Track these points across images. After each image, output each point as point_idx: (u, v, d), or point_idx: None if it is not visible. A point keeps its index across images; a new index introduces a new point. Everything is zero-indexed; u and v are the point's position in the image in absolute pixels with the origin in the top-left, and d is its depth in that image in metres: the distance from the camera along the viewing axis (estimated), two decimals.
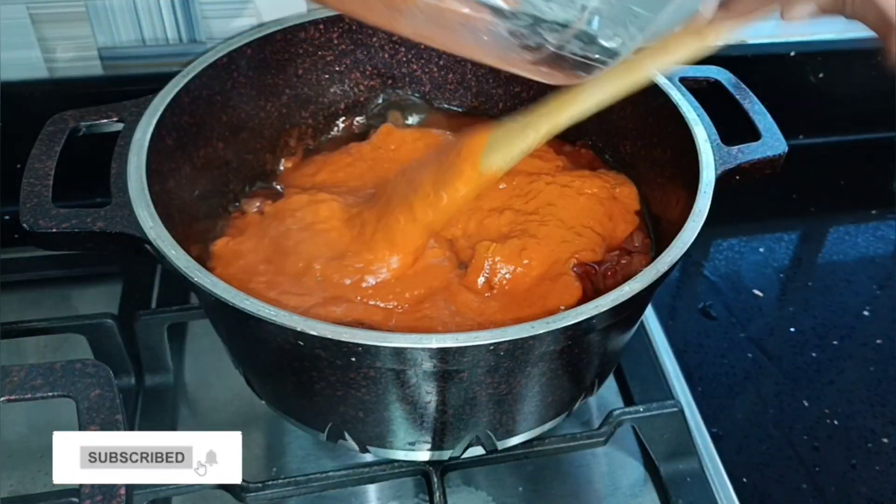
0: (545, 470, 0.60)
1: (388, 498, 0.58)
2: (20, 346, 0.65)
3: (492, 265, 0.54)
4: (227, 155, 0.63)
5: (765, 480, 0.61)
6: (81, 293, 0.71)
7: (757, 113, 0.59)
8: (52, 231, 0.48)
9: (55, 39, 0.70)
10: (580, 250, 0.56)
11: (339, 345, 0.42)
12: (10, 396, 0.39)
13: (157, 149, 0.53)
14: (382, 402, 0.49)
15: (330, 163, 0.65)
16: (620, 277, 0.55)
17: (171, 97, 0.56)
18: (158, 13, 0.69)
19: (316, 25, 0.66)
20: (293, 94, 0.68)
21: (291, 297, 0.52)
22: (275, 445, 0.60)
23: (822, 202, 0.89)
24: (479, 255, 0.55)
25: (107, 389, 0.39)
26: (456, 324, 0.52)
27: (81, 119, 0.55)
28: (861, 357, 0.71)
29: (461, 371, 0.46)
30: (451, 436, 0.52)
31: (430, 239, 0.56)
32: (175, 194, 0.56)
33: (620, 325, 0.53)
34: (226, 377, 0.63)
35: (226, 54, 0.61)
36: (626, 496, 0.59)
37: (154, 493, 0.53)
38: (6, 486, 0.57)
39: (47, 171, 0.51)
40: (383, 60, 0.70)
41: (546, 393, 0.52)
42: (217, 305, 0.45)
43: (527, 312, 0.52)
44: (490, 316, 0.52)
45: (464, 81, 0.72)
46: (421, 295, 0.53)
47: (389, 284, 0.54)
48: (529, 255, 0.55)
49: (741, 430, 0.64)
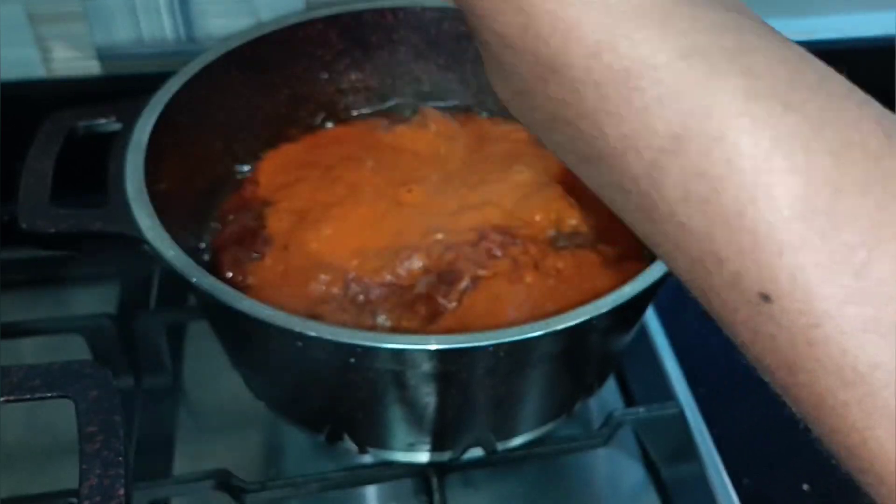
0: (545, 471, 0.59)
1: (387, 499, 0.58)
2: (18, 346, 0.65)
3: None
4: (225, 155, 0.63)
5: (766, 482, 0.61)
6: (80, 293, 0.71)
7: None
8: (51, 231, 0.48)
9: (53, 38, 0.69)
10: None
11: (338, 346, 0.42)
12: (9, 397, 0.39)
13: (155, 149, 0.53)
14: (382, 403, 0.49)
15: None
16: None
17: (170, 97, 0.56)
18: (157, 12, 0.69)
19: (314, 24, 0.66)
20: (291, 94, 0.67)
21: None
22: (273, 446, 0.60)
23: None
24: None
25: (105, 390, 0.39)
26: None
27: (79, 119, 0.55)
28: None
29: (461, 372, 0.46)
30: (451, 437, 0.52)
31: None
32: (173, 194, 0.56)
33: (621, 326, 0.53)
34: (225, 378, 0.63)
35: (224, 54, 0.61)
36: (626, 498, 0.59)
37: (153, 493, 0.53)
38: (5, 487, 0.57)
39: (45, 171, 0.51)
40: (383, 60, 0.70)
41: (546, 394, 0.52)
42: (215, 306, 0.45)
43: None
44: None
45: (464, 81, 0.72)
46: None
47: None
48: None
49: (743, 432, 0.64)
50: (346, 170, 0.62)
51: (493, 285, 0.54)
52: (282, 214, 0.58)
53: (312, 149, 0.67)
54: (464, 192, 0.61)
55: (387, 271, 0.56)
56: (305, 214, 0.58)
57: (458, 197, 0.61)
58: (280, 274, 0.55)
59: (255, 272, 0.55)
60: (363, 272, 0.55)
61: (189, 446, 0.60)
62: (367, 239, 0.57)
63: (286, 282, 0.55)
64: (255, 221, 0.58)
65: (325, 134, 0.69)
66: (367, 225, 0.58)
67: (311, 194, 0.60)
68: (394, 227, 0.58)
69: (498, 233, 0.57)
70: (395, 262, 0.56)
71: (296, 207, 0.59)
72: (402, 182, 0.61)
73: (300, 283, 0.55)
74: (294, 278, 0.55)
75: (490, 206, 0.60)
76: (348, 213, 0.58)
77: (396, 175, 0.62)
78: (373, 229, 0.58)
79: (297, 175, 0.63)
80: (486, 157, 0.66)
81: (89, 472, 0.37)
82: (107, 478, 0.37)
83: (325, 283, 0.54)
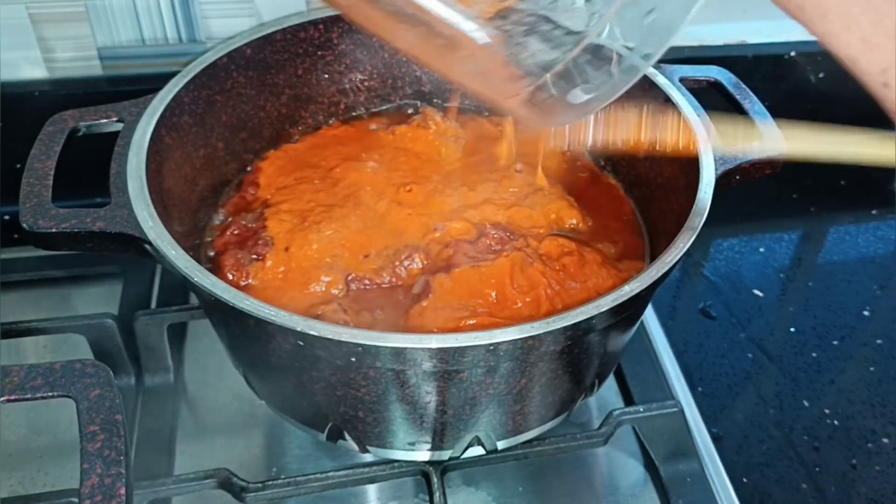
0: (545, 470, 0.59)
1: (388, 498, 0.58)
2: (20, 346, 0.65)
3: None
4: (226, 155, 0.63)
5: (765, 480, 0.61)
6: (81, 293, 0.71)
7: (757, 113, 0.59)
8: (52, 231, 0.48)
9: (55, 39, 0.70)
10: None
11: (339, 345, 0.42)
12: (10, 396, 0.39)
13: (156, 149, 0.53)
14: (382, 402, 0.49)
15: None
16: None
17: (171, 97, 0.56)
18: (158, 13, 0.69)
19: (316, 25, 0.66)
20: (293, 94, 0.68)
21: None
22: (274, 445, 0.60)
23: (822, 202, 0.89)
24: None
25: (107, 389, 0.39)
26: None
27: (81, 119, 0.55)
28: (861, 357, 0.71)
29: (461, 371, 0.46)
30: (451, 436, 0.52)
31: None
32: (175, 194, 0.56)
33: (620, 325, 0.53)
34: (226, 377, 0.63)
35: (225, 54, 0.61)
36: (626, 496, 0.59)
37: (154, 492, 0.53)
38: (6, 486, 0.57)
39: (47, 171, 0.51)
40: (383, 60, 0.70)
41: (546, 393, 0.52)
42: (217, 305, 0.45)
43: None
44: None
45: None
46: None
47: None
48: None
49: (741, 431, 0.64)
50: (347, 170, 0.63)
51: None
52: (283, 216, 0.58)
53: (313, 149, 0.67)
54: (464, 191, 0.62)
55: (387, 271, 0.56)
56: (306, 216, 0.58)
57: (458, 196, 0.61)
58: (281, 275, 0.55)
59: (256, 273, 0.55)
60: (363, 272, 0.56)
61: (190, 446, 0.60)
62: (367, 239, 0.57)
63: (287, 282, 0.55)
64: (256, 223, 0.58)
65: (325, 134, 0.69)
66: (367, 225, 0.58)
67: (312, 195, 0.60)
68: (394, 227, 0.58)
69: (497, 230, 0.57)
70: (395, 262, 0.56)
71: (296, 209, 0.59)
72: (402, 182, 0.62)
73: (301, 283, 0.55)
74: (295, 279, 0.55)
75: (490, 205, 0.60)
76: (349, 214, 0.58)
77: (396, 175, 0.62)
78: (373, 229, 0.58)
79: (298, 176, 0.63)
80: (486, 157, 0.66)
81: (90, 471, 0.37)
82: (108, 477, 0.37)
83: (325, 283, 0.55)
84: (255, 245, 0.57)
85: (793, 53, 0.85)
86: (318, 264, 0.56)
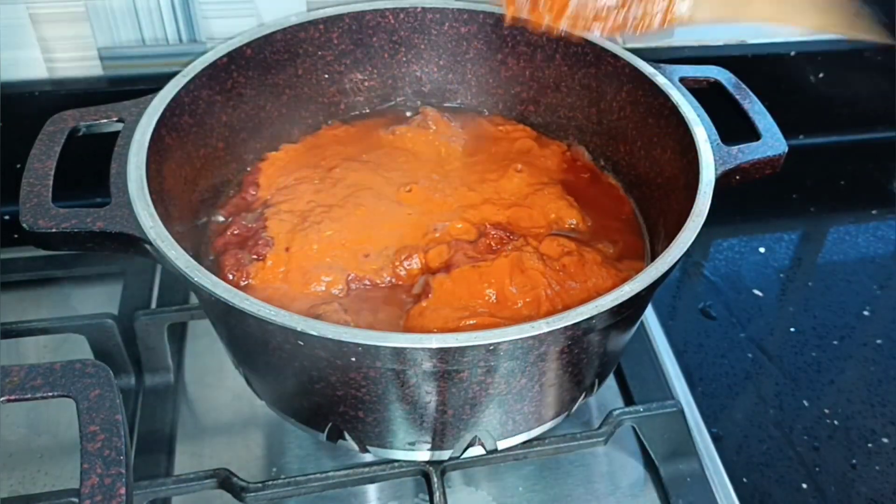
0: (545, 470, 0.60)
1: (388, 498, 0.58)
2: (20, 346, 0.65)
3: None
4: (227, 155, 0.63)
5: (765, 480, 0.61)
6: (81, 293, 0.71)
7: (757, 113, 0.59)
8: (52, 231, 0.48)
9: (55, 39, 0.70)
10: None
11: (339, 345, 0.42)
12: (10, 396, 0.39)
13: (157, 149, 0.53)
14: (382, 401, 0.49)
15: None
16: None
17: (171, 97, 0.56)
18: (158, 13, 0.70)
19: (316, 25, 0.66)
20: (293, 94, 0.68)
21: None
22: (275, 445, 0.60)
23: (822, 202, 0.89)
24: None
25: (107, 389, 0.39)
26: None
27: (81, 119, 0.55)
28: (861, 357, 0.71)
29: (461, 371, 0.46)
30: (451, 435, 0.52)
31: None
32: (175, 194, 0.56)
33: (620, 325, 0.53)
34: (226, 377, 0.63)
35: (226, 54, 0.61)
36: (626, 496, 0.59)
37: (154, 492, 0.53)
38: (6, 486, 0.57)
39: (47, 171, 0.51)
40: (383, 60, 0.70)
41: (546, 393, 0.52)
42: (217, 305, 0.45)
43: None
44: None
45: (464, 81, 0.72)
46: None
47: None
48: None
49: (741, 430, 0.64)
50: (347, 170, 0.63)
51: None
52: (283, 216, 0.58)
53: (313, 149, 0.67)
54: (464, 191, 0.62)
55: (387, 271, 0.56)
56: (306, 216, 0.58)
57: (457, 197, 0.61)
58: (281, 275, 0.55)
59: (257, 273, 0.55)
60: (364, 272, 0.56)
61: (190, 445, 0.60)
62: (368, 239, 0.57)
63: (287, 282, 0.55)
64: (257, 223, 0.58)
65: (325, 134, 0.69)
66: (367, 225, 0.58)
67: (312, 195, 0.60)
68: (394, 227, 0.58)
69: (497, 230, 0.58)
70: (396, 262, 0.56)
71: (297, 209, 0.59)
72: (402, 182, 0.62)
73: (301, 283, 0.55)
74: (295, 279, 0.55)
75: (489, 205, 0.60)
76: (349, 214, 0.59)
77: (396, 175, 0.63)
78: (373, 229, 0.58)
79: (298, 176, 0.63)
80: (486, 157, 0.66)
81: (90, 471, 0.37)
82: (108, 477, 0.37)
83: (325, 283, 0.55)
84: (256, 245, 0.57)
85: (793, 53, 0.85)
86: (319, 264, 0.56)
